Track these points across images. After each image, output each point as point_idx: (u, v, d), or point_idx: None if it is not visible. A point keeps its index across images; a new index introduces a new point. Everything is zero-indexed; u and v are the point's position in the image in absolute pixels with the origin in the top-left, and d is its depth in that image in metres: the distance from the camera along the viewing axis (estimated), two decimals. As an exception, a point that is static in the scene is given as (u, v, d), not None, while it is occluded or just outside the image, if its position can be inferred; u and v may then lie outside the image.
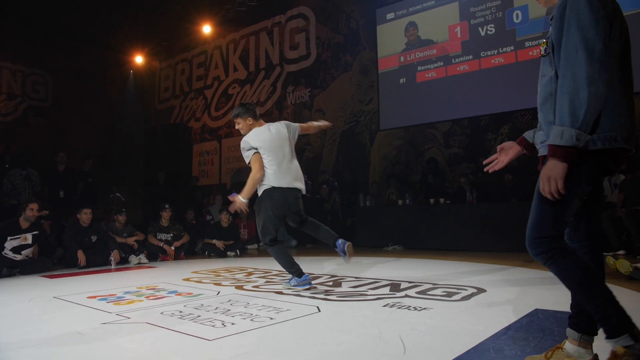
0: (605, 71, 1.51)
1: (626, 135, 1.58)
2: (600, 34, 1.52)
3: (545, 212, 1.64)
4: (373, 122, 10.02)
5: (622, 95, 1.59)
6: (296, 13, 11.63)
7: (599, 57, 1.51)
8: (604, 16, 1.53)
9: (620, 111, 1.58)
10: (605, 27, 1.53)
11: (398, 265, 5.40)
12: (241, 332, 2.52)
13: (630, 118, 1.60)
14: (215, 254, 7.33)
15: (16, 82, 12.72)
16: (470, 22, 8.71)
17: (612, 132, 1.56)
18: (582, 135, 1.52)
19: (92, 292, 4.03)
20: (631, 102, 1.63)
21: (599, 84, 1.50)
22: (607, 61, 1.52)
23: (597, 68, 1.51)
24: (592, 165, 1.60)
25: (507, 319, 2.60)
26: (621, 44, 1.60)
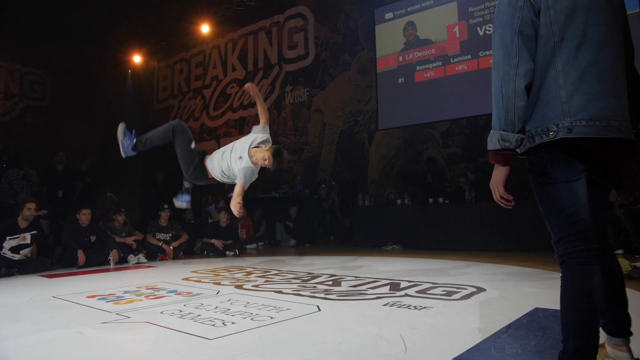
0: (524, 63, 1.48)
1: (586, 120, 1.44)
2: (516, 28, 1.49)
3: (546, 217, 1.58)
4: (372, 121, 10.02)
5: (578, 75, 1.46)
6: (295, 13, 11.63)
7: (516, 51, 1.48)
8: (523, 7, 1.50)
9: (571, 95, 1.46)
10: (525, 19, 1.49)
11: (397, 264, 5.41)
12: (241, 331, 2.52)
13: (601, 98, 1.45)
14: (214, 253, 7.33)
15: (14, 82, 12.68)
16: (468, 21, 8.71)
17: (549, 124, 1.47)
18: (508, 136, 1.48)
19: (92, 292, 4.02)
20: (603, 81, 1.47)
21: (515, 80, 1.47)
22: (527, 54, 1.48)
23: (513, 64, 1.48)
24: (553, 157, 1.50)
25: (507, 317, 2.61)
26: (581, 20, 1.48)
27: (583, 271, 1.48)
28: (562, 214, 1.52)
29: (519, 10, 1.50)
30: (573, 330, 1.46)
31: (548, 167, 1.51)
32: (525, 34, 1.50)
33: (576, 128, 1.44)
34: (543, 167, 1.53)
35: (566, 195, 1.50)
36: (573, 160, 1.50)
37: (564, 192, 1.50)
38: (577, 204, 1.50)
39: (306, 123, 11.17)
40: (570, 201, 1.50)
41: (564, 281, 1.52)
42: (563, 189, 1.50)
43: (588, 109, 1.44)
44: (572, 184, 1.50)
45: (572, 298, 1.48)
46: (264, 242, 9.13)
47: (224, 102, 13.20)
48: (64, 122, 13.12)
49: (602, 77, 1.46)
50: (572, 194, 1.50)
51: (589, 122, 1.44)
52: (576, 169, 1.50)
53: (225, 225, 7.61)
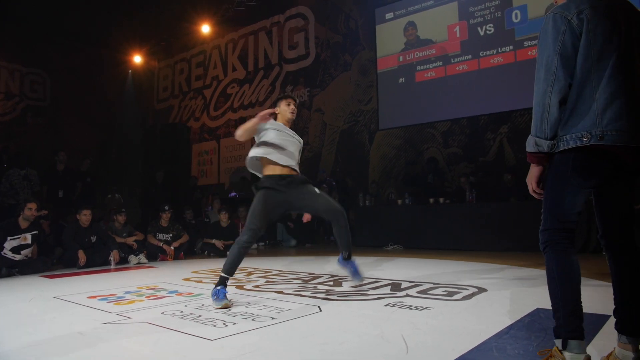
0: (560, 80, 1.71)
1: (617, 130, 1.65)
2: (558, 49, 1.71)
3: (546, 207, 1.83)
4: (372, 121, 10.02)
5: (612, 92, 1.68)
6: (295, 13, 11.63)
7: (555, 70, 1.71)
8: (566, 31, 1.71)
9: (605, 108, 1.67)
10: (566, 41, 1.71)
11: (398, 264, 5.40)
12: (243, 332, 2.52)
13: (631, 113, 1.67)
14: (215, 253, 7.32)
15: (14, 82, 12.70)
16: (469, 21, 8.71)
17: (583, 132, 1.69)
18: (541, 141, 1.75)
19: (93, 292, 4.02)
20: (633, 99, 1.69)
21: (551, 96, 1.71)
22: (563, 73, 1.71)
23: (551, 81, 1.72)
24: (576, 162, 1.73)
25: (509, 318, 2.60)
26: (616, 45, 1.70)
27: (565, 252, 1.76)
28: (559, 211, 1.78)
29: (562, 34, 1.72)
30: (562, 301, 1.72)
31: (569, 170, 1.75)
32: (565, 55, 1.71)
33: (607, 136, 1.66)
34: (565, 169, 1.76)
35: (569, 199, 1.77)
36: (593, 172, 1.74)
37: (569, 196, 1.77)
38: (574, 207, 1.78)
39: (307, 123, 11.17)
40: (570, 204, 1.77)
41: (549, 262, 1.78)
42: (569, 193, 1.76)
43: (618, 122, 1.66)
44: (579, 191, 1.76)
45: (557, 275, 1.75)
46: (265, 242, 9.12)
47: (225, 102, 13.21)
48: (64, 122, 13.13)
49: (630, 95, 1.69)
50: (574, 200, 1.77)
51: (618, 132, 1.66)
52: (589, 182, 1.76)
53: (226, 225, 7.61)
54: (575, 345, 1.68)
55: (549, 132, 1.74)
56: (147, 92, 15.28)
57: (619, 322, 1.78)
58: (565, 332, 1.71)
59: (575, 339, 1.69)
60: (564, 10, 1.75)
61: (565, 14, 1.73)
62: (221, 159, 13.12)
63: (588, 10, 1.71)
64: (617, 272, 1.79)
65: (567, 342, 1.70)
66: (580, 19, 1.71)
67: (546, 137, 1.74)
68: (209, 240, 7.50)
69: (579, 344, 1.69)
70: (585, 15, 1.71)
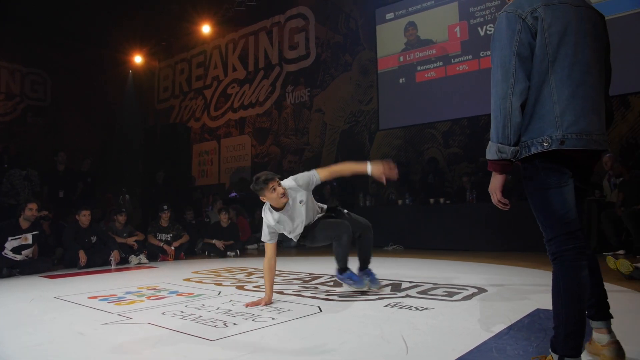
0: (520, 82, 1.64)
1: (576, 134, 1.63)
2: (514, 49, 1.65)
3: (539, 219, 1.76)
4: (372, 121, 10.02)
5: (569, 94, 1.64)
6: (295, 13, 11.63)
7: (514, 71, 1.65)
8: (521, 30, 1.65)
9: (563, 111, 1.64)
10: (523, 41, 1.65)
11: (399, 265, 5.41)
12: (243, 332, 2.52)
13: (587, 115, 1.64)
14: (215, 254, 7.33)
15: (15, 82, 12.71)
16: (469, 22, 8.71)
17: (544, 136, 1.65)
18: (504, 148, 1.67)
19: (93, 293, 4.02)
20: (590, 99, 1.66)
21: (512, 99, 1.64)
22: (523, 74, 1.65)
23: (511, 83, 1.65)
24: (541, 165, 1.69)
25: (509, 318, 2.60)
26: (571, 44, 1.65)
27: (573, 267, 1.66)
28: (554, 216, 1.69)
29: (517, 33, 1.66)
30: (564, 318, 1.65)
31: (542, 174, 1.70)
32: (522, 56, 1.66)
33: (568, 141, 1.63)
34: (537, 174, 1.71)
35: (558, 199, 1.68)
36: (563, 167, 1.68)
37: (556, 196, 1.68)
38: (567, 206, 1.69)
39: (307, 123, 11.18)
40: (561, 204, 1.68)
41: (555, 276, 1.70)
42: (555, 194, 1.68)
43: (577, 124, 1.63)
44: (562, 189, 1.68)
45: (563, 290, 1.66)
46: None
47: (225, 102, 13.21)
48: (65, 122, 13.15)
49: (588, 95, 1.66)
50: (563, 198, 1.68)
51: (578, 135, 1.63)
52: (566, 176, 1.69)
53: (226, 225, 7.62)
54: None
55: (513, 137, 1.67)
56: (147, 92, 15.28)
57: (590, 310, 1.84)
58: (561, 349, 1.66)
59: (571, 357, 1.64)
60: (517, 8, 1.69)
61: (519, 13, 1.68)
62: (221, 159, 13.13)
63: (542, 8, 1.67)
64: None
65: (563, 359, 1.65)
66: (534, 18, 1.66)
67: (510, 143, 1.67)
68: (209, 240, 7.51)
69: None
70: (540, 14, 1.66)
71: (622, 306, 2.90)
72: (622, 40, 7.11)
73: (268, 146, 12.01)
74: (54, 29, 12.28)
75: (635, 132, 7.06)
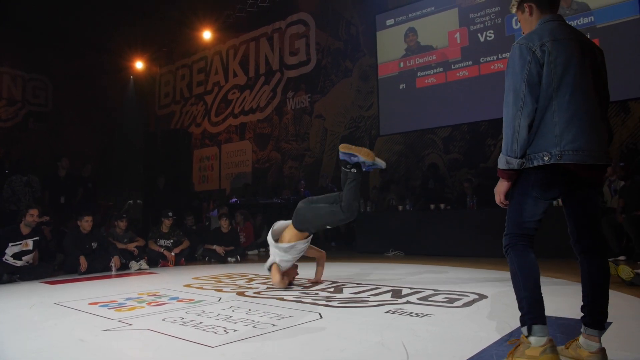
0: (528, 105, 1.92)
1: (573, 151, 1.88)
2: (525, 77, 1.93)
3: (509, 216, 2.08)
4: (373, 127, 10.04)
5: (569, 117, 1.90)
6: (296, 19, 11.69)
7: (523, 96, 1.92)
8: (531, 61, 1.93)
9: (563, 131, 1.90)
10: (532, 70, 1.93)
11: (399, 271, 5.40)
12: (243, 338, 2.52)
13: (585, 135, 1.89)
14: (216, 259, 7.32)
15: (17, 88, 12.75)
16: (469, 28, 8.75)
17: (544, 152, 1.91)
18: (512, 160, 1.96)
19: (94, 299, 4.02)
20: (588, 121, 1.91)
21: (521, 119, 1.92)
22: (530, 99, 1.92)
23: (520, 106, 1.92)
24: (537, 177, 1.95)
25: (510, 325, 2.60)
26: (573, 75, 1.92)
27: (524, 252, 2.01)
28: (520, 219, 2.02)
29: (528, 63, 1.94)
30: (524, 292, 1.95)
31: (530, 184, 1.97)
32: (531, 83, 1.93)
33: (565, 156, 1.89)
34: (527, 183, 1.98)
35: (529, 208, 2.00)
36: (552, 183, 1.96)
37: (529, 206, 1.99)
38: (534, 217, 2.00)
39: (308, 129, 11.20)
40: (530, 213, 2.00)
41: (510, 262, 2.04)
42: (529, 203, 1.99)
43: (575, 142, 1.89)
44: (537, 202, 1.98)
45: (518, 269, 2.00)
46: (266, 248, 9.11)
47: (226, 108, 13.24)
48: (66, 128, 13.17)
49: (587, 118, 1.92)
50: (534, 209, 1.99)
51: (575, 152, 1.89)
52: (548, 194, 1.98)
53: (227, 231, 7.61)
54: (539, 329, 1.89)
55: (519, 151, 1.94)
56: (148, 98, 15.33)
57: (588, 316, 1.98)
58: (529, 318, 1.91)
59: (538, 324, 1.89)
60: (529, 41, 1.97)
61: (530, 45, 1.95)
62: (222, 164, 13.15)
63: (549, 43, 1.94)
64: (590, 273, 2.00)
65: (532, 327, 1.90)
66: (542, 51, 1.93)
67: (516, 156, 1.94)
68: (209, 246, 7.50)
69: (542, 328, 1.89)
70: (547, 48, 1.93)
71: (623, 312, 2.90)
72: (621, 46, 7.15)
73: (269, 152, 12.03)
74: (55, 35, 12.35)
75: (636, 138, 7.08)
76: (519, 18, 2.20)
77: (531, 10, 2.11)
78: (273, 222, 4.63)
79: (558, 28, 2.00)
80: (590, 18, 7.48)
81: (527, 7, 2.12)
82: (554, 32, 1.98)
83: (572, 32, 2.01)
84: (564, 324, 2.55)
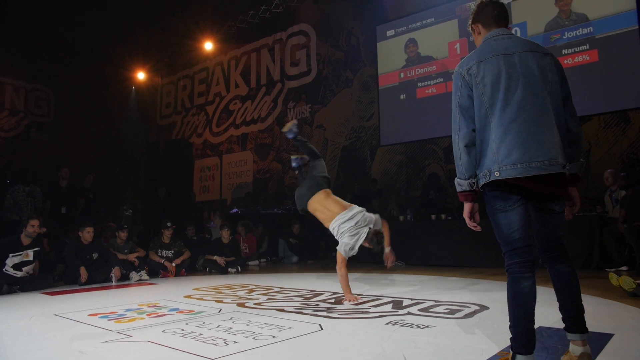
0: (463, 128, 1.98)
1: (510, 165, 1.88)
2: (457, 101, 2.00)
3: (496, 236, 2.04)
4: (374, 137, 10.06)
5: (502, 132, 1.91)
6: (297, 30, 11.76)
7: (458, 120, 2.00)
8: (462, 86, 2.00)
9: (498, 147, 1.90)
10: (463, 94, 1.99)
11: (400, 281, 5.38)
12: (243, 350, 2.51)
13: (522, 147, 1.88)
14: (216, 270, 7.30)
15: (19, 98, 12.80)
16: (469, 38, 8.79)
17: (486, 169, 1.94)
18: (461, 182, 2.01)
19: (93, 310, 4.01)
20: (525, 132, 1.89)
21: (459, 142, 1.99)
22: (464, 122, 1.98)
23: (457, 130, 2.00)
24: (491, 194, 1.97)
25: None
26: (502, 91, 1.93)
27: (517, 278, 1.98)
28: (503, 235, 1.99)
29: (459, 88, 2.01)
30: (513, 321, 1.95)
31: (490, 201, 2.00)
32: (463, 106, 1.99)
33: (503, 171, 1.89)
34: (488, 201, 2.01)
35: (503, 221, 1.97)
36: (507, 194, 1.94)
37: (502, 219, 1.97)
38: (512, 227, 1.96)
39: (308, 139, 11.20)
40: (507, 226, 1.96)
41: (507, 285, 2.03)
42: (501, 217, 1.97)
43: (510, 156, 1.89)
44: (507, 213, 1.96)
45: (511, 297, 2.00)
46: (266, 259, 9.10)
47: (227, 119, 13.28)
48: (68, 138, 13.22)
49: (521, 129, 1.90)
50: (507, 220, 1.96)
51: (512, 165, 1.88)
52: (510, 201, 1.95)
53: (228, 241, 7.60)
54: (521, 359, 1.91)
55: (465, 173, 1.99)
56: (150, 108, 15.39)
57: (566, 322, 2.06)
58: (515, 346, 1.93)
59: (521, 354, 1.90)
60: (460, 67, 2.05)
61: (460, 71, 2.04)
62: (223, 175, 13.16)
63: (475, 65, 1.99)
64: (558, 280, 2.06)
65: (515, 356, 1.92)
66: (470, 74, 2.00)
67: (464, 177, 2.00)
68: (210, 256, 7.48)
69: (526, 359, 1.90)
70: (473, 71, 1.99)
71: (625, 323, 2.88)
72: (620, 56, 7.17)
73: (269, 162, 12.05)
74: (58, 46, 12.45)
75: (636, 147, 7.08)
76: (474, 39, 2.24)
77: (479, 29, 2.17)
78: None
79: (487, 47, 2.03)
80: (589, 29, 7.52)
81: (475, 28, 2.20)
82: (482, 52, 2.02)
83: (504, 47, 2.00)
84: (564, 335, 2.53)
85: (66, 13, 10.50)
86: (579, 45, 7.59)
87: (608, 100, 7.29)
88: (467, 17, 8.64)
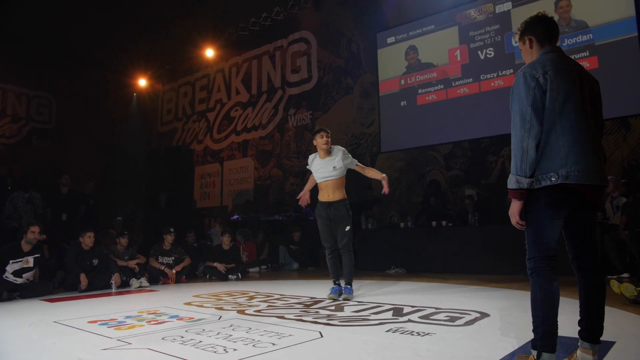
0: (535, 128, 2.04)
1: (578, 172, 2.00)
2: (530, 102, 2.05)
3: (530, 240, 2.13)
4: (374, 144, 10.07)
5: (572, 140, 2.03)
6: (298, 37, 11.80)
7: (530, 119, 2.04)
8: (535, 87, 2.06)
9: (568, 153, 2.02)
10: (536, 96, 2.06)
11: (401, 288, 5.37)
12: (243, 358, 2.50)
13: (587, 157, 2.02)
14: (217, 277, 7.28)
15: (21, 105, 12.84)
16: (469, 45, 8.81)
17: (552, 173, 2.02)
18: (522, 179, 2.05)
19: (93, 317, 4.00)
20: (589, 145, 2.05)
21: (528, 141, 2.04)
22: (537, 121, 2.04)
23: (527, 128, 2.04)
24: (548, 198, 2.05)
25: (512, 344, 2.58)
26: (573, 101, 2.06)
27: (548, 279, 2.06)
28: (541, 241, 2.09)
29: (532, 89, 2.07)
30: (542, 321, 2.03)
31: (542, 206, 2.07)
32: (536, 107, 2.06)
33: (571, 176, 2.01)
34: (541, 204, 2.07)
35: (548, 229, 2.08)
36: (562, 205, 2.06)
37: (548, 227, 2.08)
38: (553, 237, 2.08)
39: (309, 146, 11.21)
40: (550, 234, 2.08)
41: (534, 286, 2.09)
42: (547, 225, 2.08)
43: (579, 164, 2.02)
44: (554, 222, 2.08)
45: (540, 298, 2.05)
46: (267, 266, 9.08)
47: (228, 125, 13.30)
48: (69, 145, 13.23)
49: (589, 142, 2.06)
50: (553, 230, 2.08)
51: (579, 172, 2.01)
52: (561, 212, 2.07)
53: (228, 248, 7.59)
54: (547, 358, 2.01)
55: (529, 171, 2.05)
56: (151, 115, 15.41)
57: (584, 331, 2.12)
58: (540, 345, 2.02)
59: (547, 352, 2.01)
60: (532, 70, 2.10)
61: (533, 73, 2.09)
62: (224, 181, 13.16)
63: (552, 72, 2.08)
64: (587, 290, 2.13)
65: (541, 354, 2.01)
66: (545, 79, 2.07)
67: (526, 175, 2.05)
68: (210, 263, 7.47)
69: (550, 357, 2.01)
70: (549, 76, 2.07)
71: (627, 331, 2.87)
72: (620, 63, 7.19)
73: (270, 169, 12.05)
74: (60, 53, 12.50)
75: (637, 154, 7.07)
76: (521, 48, 2.34)
77: (531, 43, 2.27)
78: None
79: (558, 59, 2.13)
80: (589, 36, 7.54)
81: (527, 40, 2.28)
82: (555, 62, 2.11)
83: (572, 64, 2.15)
84: (565, 343, 2.52)
85: (68, 20, 10.54)
86: (579, 52, 7.60)
87: (608, 106, 7.17)
88: (467, 24, 8.72)
